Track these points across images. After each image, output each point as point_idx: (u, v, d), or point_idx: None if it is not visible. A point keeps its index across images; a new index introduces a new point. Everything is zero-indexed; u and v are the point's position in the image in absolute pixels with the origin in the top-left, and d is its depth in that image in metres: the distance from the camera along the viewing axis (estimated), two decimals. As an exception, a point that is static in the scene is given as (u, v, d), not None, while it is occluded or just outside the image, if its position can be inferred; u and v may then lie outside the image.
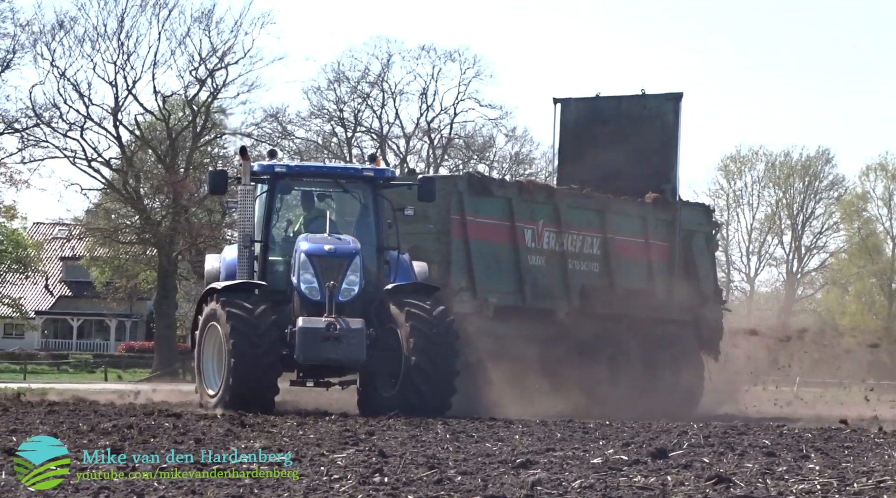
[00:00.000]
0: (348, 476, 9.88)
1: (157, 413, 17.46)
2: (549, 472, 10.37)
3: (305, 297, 18.92)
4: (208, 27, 58.72)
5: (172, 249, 60.07)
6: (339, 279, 18.83)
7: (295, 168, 21.13)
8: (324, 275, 18.84)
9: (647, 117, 26.82)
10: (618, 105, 27.44)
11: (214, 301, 18.97)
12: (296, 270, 19.04)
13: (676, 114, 26.64)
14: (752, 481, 9.90)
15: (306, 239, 19.30)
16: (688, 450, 12.48)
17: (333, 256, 19.00)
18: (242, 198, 19.55)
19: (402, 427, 15.42)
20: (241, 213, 19.59)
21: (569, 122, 27.20)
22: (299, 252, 19.08)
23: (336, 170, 21.44)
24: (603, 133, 26.73)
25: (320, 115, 66.01)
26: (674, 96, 26.95)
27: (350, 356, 18.51)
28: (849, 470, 10.87)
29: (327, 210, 20.26)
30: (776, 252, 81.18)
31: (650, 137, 26.43)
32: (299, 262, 19.00)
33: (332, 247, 19.10)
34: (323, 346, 18.35)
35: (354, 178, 20.44)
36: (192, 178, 59.83)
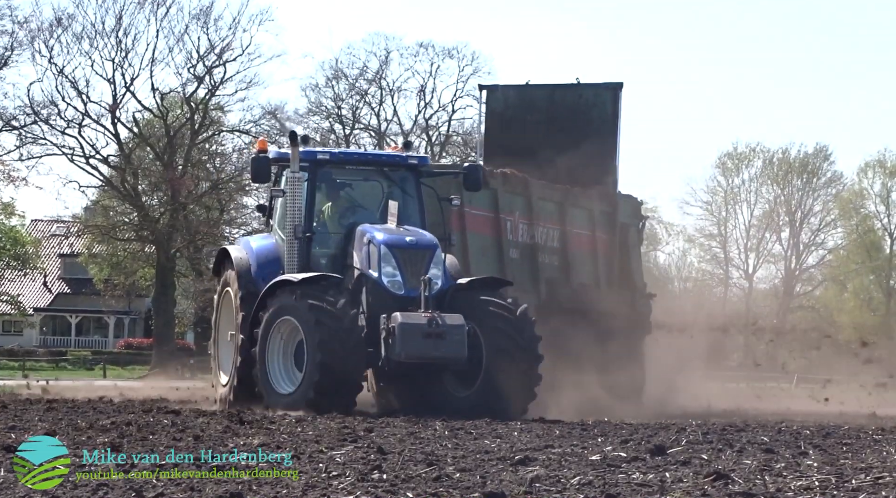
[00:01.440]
0: (347, 473, 9.89)
1: (155, 410, 17.47)
2: (547, 468, 10.37)
3: (388, 290, 18.13)
4: (206, 24, 58.80)
5: (171, 246, 60.11)
6: (422, 272, 18.14)
7: (338, 155, 20.51)
8: (407, 267, 18.18)
9: (583, 107, 26.01)
10: (551, 93, 26.66)
11: (289, 294, 18.04)
12: (373, 263, 18.24)
13: (615, 104, 25.82)
14: (750, 478, 9.91)
15: (378, 230, 18.52)
16: (686, 447, 12.49)
17: (416, 248, 18.35)
18: (290, 186, 18.82)
19: (401, 424, 15.42)
20: (290, 202, 18.82)
21: (496, 110, 26.38)
22: (376, 243, 18.27)
23: (381, 157, 20.50)
24: (534, 122, 25.95)
25: (318, 112, 66.01)
26: (612, 86, 26.18)
27: (451, 354, 17.70)
28: (847, 467, 10.88)
29: (373, 199, 19.70)
30: (774, 249, 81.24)
31: (587, 128, 25.58)
32: (378, 253, 18.19)
33: (413, 238, 18.50)
34: (424, 343, 17.54)
35: (398, 166, 19.84)
36: (190, 176, 59.85)
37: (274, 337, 18.20)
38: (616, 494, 9.03)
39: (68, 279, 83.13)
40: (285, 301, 18.06)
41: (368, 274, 18.31)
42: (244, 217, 66.19)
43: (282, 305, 18.10)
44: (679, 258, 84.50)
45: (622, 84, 26.00)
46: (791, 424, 17.60)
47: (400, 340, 17.50)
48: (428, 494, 8.98)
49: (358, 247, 18.55)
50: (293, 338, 18.09)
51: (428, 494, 8.98)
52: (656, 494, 9.10)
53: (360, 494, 8.97)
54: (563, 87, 26.64)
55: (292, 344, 18.13)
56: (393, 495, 8.97)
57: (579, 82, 26.45)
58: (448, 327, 17.61)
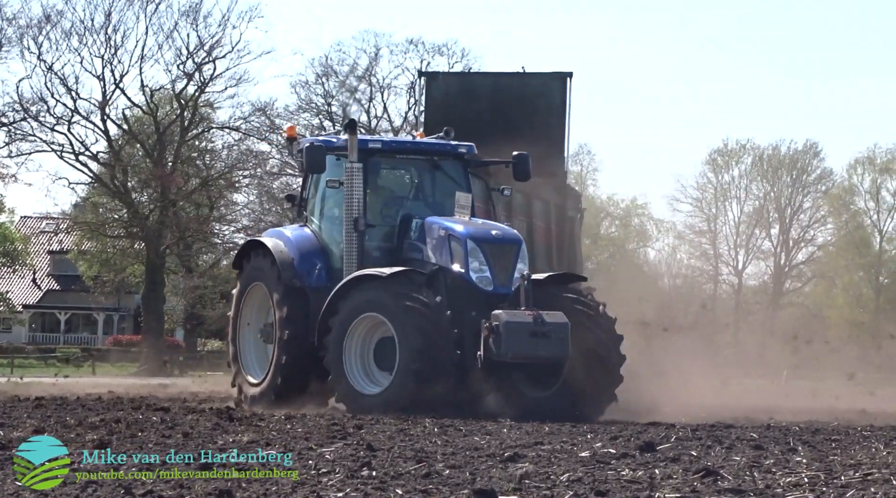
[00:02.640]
0: (336, 470, 9.88)
1: (144, 407, 17.45)
2: (536, 465, 10.37)
3: (476, 287, 17.40)
4: (196, 21, 58.72)
5: (160, 243, 60.07)
6: (510, 268, 17.56)
7: (391, 144, 19.75)
8: (495, 263, 17.50)
9: (529, 96, 25.18)
10: (495, 82, 26.01)
11: (378, 290, 17.24)
12: (456, 258, 17.49)
13: (564, 94, 25.00)
14: (739, 474, 9.92)
15: (456, 222, 17.85)
16: (675, 443, 12.50)
17: (503, 243, 17.76)
18: (348, 177, 18.09)
19: (390, 421, 15.41)
20: (348, 193, 18.09)
21: (437, 98, 25.61)
22: (459, 237, 17.55)
23: (433, 146, 19.52)
24: (477, 110, 25.04)
25: (308, 109, 65.87)
26: (560, 75, 25.33)
27: (556, 354, 16.98)
28: (836, 463, 10.90)
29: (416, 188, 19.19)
30: (764, 245, 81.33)
31: (533, 117, 24.78)
32: (464, 248, 17.45)
33: (499, 232, 17.94)
34: (530, 342, 16.76)
35: (449, 155, 19.25)
36: (179, 172, 59.80)
37: (355, 335, 17.47)
38: (605, 491, 9.03)
39: (57, 276, 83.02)
40: (372, 297, 17.29)
41: (451, 269, 17.57)
42: (234, 214, 66.19)
43: (368, 300, 17.34)
44: (669, 255, 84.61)
45: (571, 73, 25.22)
46: (780, 420, 17.62)
47: (506, 339, 16.71)
48: (417, 491, 8.98)
49: (431, 240, 17.91)
50: (372, 335, 17.49)
51: (417, 491, 8.98)
52: (646, 491, 9.10)
53: (350, 490, 8.96)
54: (507, 76, 25.94)
55: (370, 342, 17.51)
56: (382, 492, 8.96)
57: (525, 71, 25.84)
58: (553, 326, 16.91)
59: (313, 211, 19.16)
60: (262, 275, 18.99)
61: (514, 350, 16.74)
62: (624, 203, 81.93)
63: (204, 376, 36.69)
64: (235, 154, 63.05)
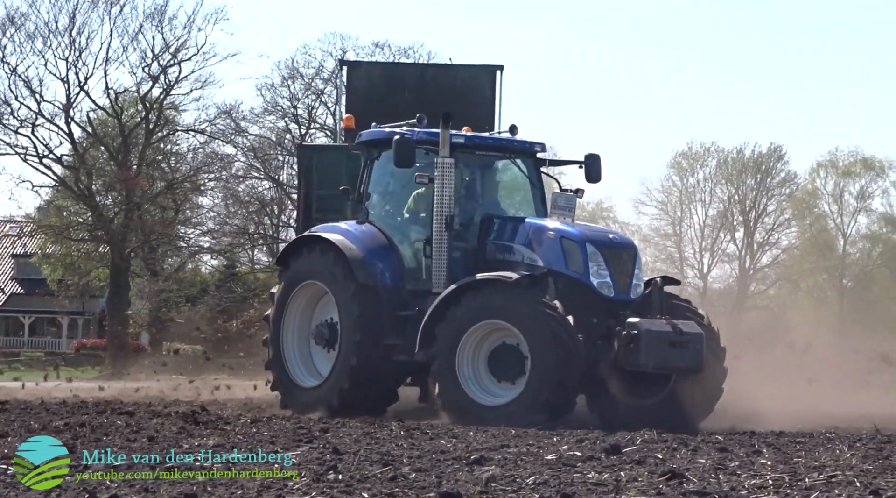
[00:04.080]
0: (302, 473, 9.87)
1: (109, 411, 17.36)
2: (503, 468, 10.38)
3: (597, 293, 16.63)
4: (161, 23, 58.53)
5: (125, 247, 59.83)
6: (629, 274, 16.88)
7: (473, 139, 18.43)
8: (615, 268, 16.74)
9: (459, 89, 24.62)
10: (422, 73, 25.49)
11: (503, 295, 16.36)
12: (573, 262, 16.71)
13: (494, 87, 24.45)
14: (704, 477, 9.95)
15: (567, 225, 17.14)
16: (641, 446, 12.53)
17: (623, 247, 17.06)
18: (441, 172, 17.27)
19: (357, 424, 15.40)
20: (440, 189, 17.24)
21: (359, 88, 24.97)
22: (575, 240, 16.80)
23: (514, 143, 18.64)
24: (403, 102, 24.13)
25: (274, 111, 65.77)
26: (490, 68, 24.80)
27: (693, 364, 16.47)
28: (800, 465, 10.95)
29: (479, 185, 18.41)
30: (729, 248, 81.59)
31: (462, 111, 23.56)
32: (583, 252, 16.67)
33: (616, 237, 17.43)
34: (670, 352, 16.26)
35: (525, 153, 18.58)
36: (144, 175, 59.60)
37: (466, 343, 16.53)
38: (571, 494, 9.05)
39: (21, 280, 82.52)
40: (496, 302, 16.38)
41: (566, 274, 16.79)
42: (199, 217, 66.01)
43: (490, 306, 16.40)
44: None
45: (502, 66, 24.67)
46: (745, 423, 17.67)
47: (646, 348, 16.12)
48: (383, 495, 8.98)
49: (535, 242, 17.12)
50: (486, 342, 16.57)
51: (383, 495, 8.98)
52: (611, 494, 9.13)
53: (316, 494, 8.96)
54: (435, 67, 25.43)
55: (485, 349, 16.59)
56: (348, 496, 8.96)
57: (452, 62, 25.31)
58: (690, 336, 16.44)
59: (377, 206, 18.41)
60: (320, 273, 18.14)
61: (655, 360, 16.24)
62: (590, 206, 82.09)
63: (174, 380, 36.52)
64: (201, 157, 62.93)
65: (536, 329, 15.99)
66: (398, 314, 17.51)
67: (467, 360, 16.53)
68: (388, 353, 17.40)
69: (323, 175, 21.17)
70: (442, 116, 17.41)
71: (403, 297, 17.64)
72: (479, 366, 16.56)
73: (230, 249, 66.84)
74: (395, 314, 17.51)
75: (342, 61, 24.98)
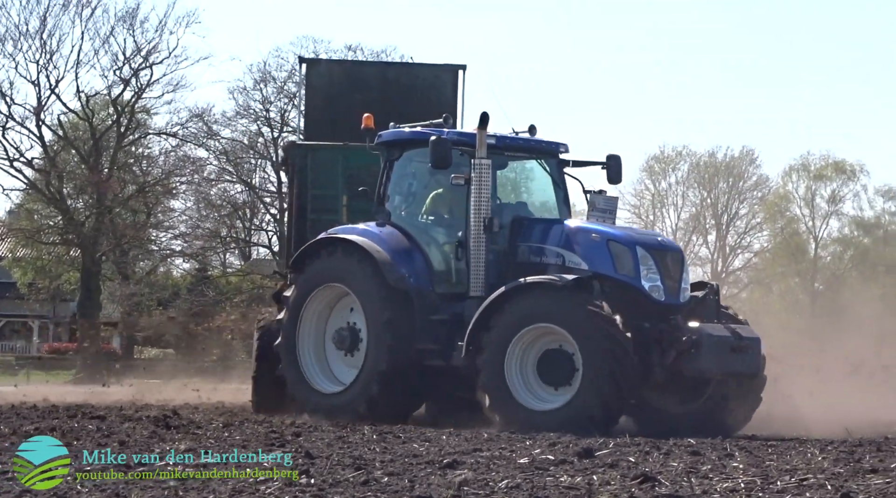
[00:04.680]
0: (274, 478, 9.85)
1: (80, 415, 17.29)
2: (475, 472, 10.38)
3: (649, 297, 16.39)
4: (132, 26, 58.29)
5: (96, 250, 59.62)
6: (678, 277, 16.65)
7: (503, 139, 17.88)
8: (665, 272, 16.50)
9: (420, 88, 24.25)
10: (383, 72, 25.04)
11: (552, 298, 16.02)
12: (622, 265, 16.44)
13: (456, 87, 24.10)
14: (676, 480, 9.97)
15: (612, 227, 17.01)
16: (614, 449, 12.55)
17: (672, 251, 16.90)
18: (478, 173, 16.93)
19: (329, 428, 15.38)
20: (477, 191, 16.91)
21: (319, 86, 24.61)
22: (624, 243, 16.56)
23: (542, 144, 18.33)
24: (364, 101, 23.55)
25: (246, 114, 65.57)
26: (452, 68, 24.42)
27: (752, 369, 16.47)
28: (772, 468, 10.98)
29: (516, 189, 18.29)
30: (701, 252, 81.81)
31: (424, 110, 23.05)
32: (633, 256, 16.39)
33: (664, 240, 17.25)
34: (731, 357, 16.15)
35: (549, 154, 18.26)
36: (116, 179, 59.42)
37: (514, 348, 16.17)
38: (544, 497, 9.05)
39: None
40: (546, 306, 16.04)
41: (618, 278, 16.47)
42: (171, 220, 65.81)
43: (539, 310, 16.06)
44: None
45: (465, 66, 24.31)
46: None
47: (707, 353, 15.97)
48: (356, 499, 8.97)
49: (577, 245, 16.82)
50: (534, 347, 16.23)
51: (356, 499, 8.97)
52: (584, 497, 9.13)
53: (288, 498, 8.94)
54: (396, 66, 24.72)
55: (533, 353, 16.24)
56: (320, 500, 8.95)
57: (413, 61, 24.95)
58: (749, 341, 16.38)
59: (400, 207, 18.06)
60: (342, 275, 17.69)
61: (717, 365, 16.10)
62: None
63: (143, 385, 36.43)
64: (172, 160, 62.74)
65: (588, 333, 15.70)
66: (429, 318, 17.15)
67: (516, 364, 16.19)
68: (419, 357, 17.05)
69: (317, 175, 20.65)
70: (480, 117, 17.10)
71: (433, 300, 17.30)
72: (527, 370, 16.24)
73: (202, 252, 66.67)
74: (426, 318, 17.14)
75: (301, 58, 24.38)
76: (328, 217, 19.77)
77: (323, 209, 20.43)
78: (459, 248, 17.32)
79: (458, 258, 17.33)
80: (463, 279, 17.23)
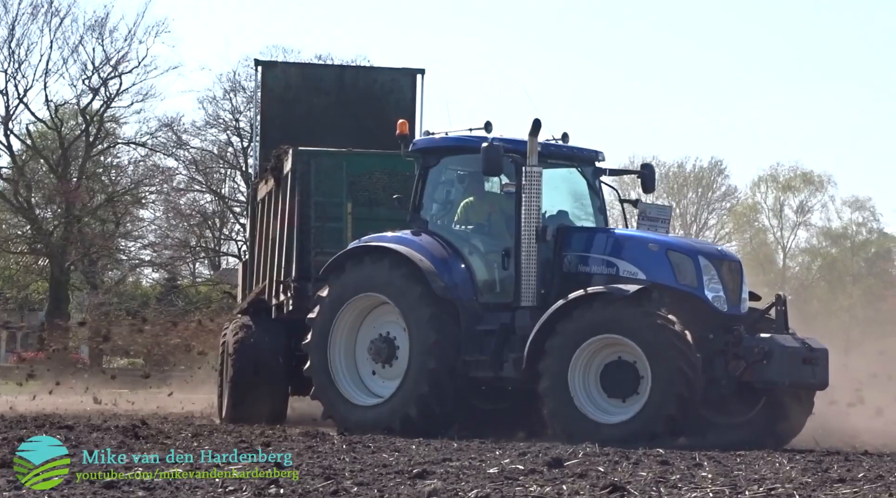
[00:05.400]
0: (244, 487, 9.82)
1: (48, 425, 17.21)
2: (445, 482, 10.38)
3: (712, 307, 16.21)
4: (101, 36, 58.21)
5: (65, 260, 59.43)
6: (739, 287, 16.53)
7: (548, 147, 17.56)
8: (726, 282, 16.33)
9: (378, 92, 24.05)
10: (340, 75, 24.81)
11: (619, 308, 15.78)
12: (683, 275, 16.25)
13: (414, 91, 23.90)
14: (646, 490, 9.99)
15: (668, 237, 16.97)
16: (583, 459, 12.57)
17: (732, 261, 16.73)
18: (529, 181, 16.60)
19: (299, 438, 15.35)
20: (528, 199, 16.56)
21: (275, 89, 24.22)
22: (686, 253, 16.43)
23: (583, 152, 18.07)
24: (322, 105, 23.78)
25: (216, 124, 65.47)
26: (411, 71, 24.23)
27: (821, 381, 16.36)
28: (741, 478, 11.02)
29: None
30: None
31: (382, 115, 23.28)
32: (696, 266, 16.21)
33: (723, 250, 17.02)
34: (803, 369, 16.02)
35: (587, 161, 18.05)
36: (84, 188, 59.25)
37: (578, 359, 15.90)
38: (513, 507, 9.07)
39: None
40: (612, 316, 15.79)
41: (679, 288, 16.26)
42: (140, 230, 65.64)
43: (604, 320, 15.83)
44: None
45: (423, 70, 24.11)
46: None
47: (779, 364, 15.83)
48: (325, 509, 8.96)
49: (634, 255, 16.55)
50: (597, 358, 15.99)
51: (325, 509, 8.96)
52: (553, 507, 9.15)
53: (257, 509, 8.93)
54: (354, 69, 24.64)
55: (596, 365, 15.99)
56: (290, 510, 8.94)
57: (371, 65, 24.69)
58: (819, 352, 16.26)
59: (438, 216, 17.73)
60: (381, 285, 17.25)
61: (789, 376, 15.96)
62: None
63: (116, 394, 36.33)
64: (142, 170, 62.61)
65: (657, 345, 15.48)
66: (476, 329, 16.84)
67: (579, 376, 15.93)
68: (465, 369, 16.77)
69: (320, 181, 20.04)
70: (532, 123, 16.75)
71: (478, 310, 16.98)
72: (589, 382, 15.98)
73: (171, 262, 66.52)
74: (472, 329, 16.83)
75: (258, 61, 24.00)
76: (332, 225, 19.39)
77: (326, 217, 19.81)
78: (505, 257, 17.02)
79: (505, 267, 17.02)
80: (508, 289, 16.94)
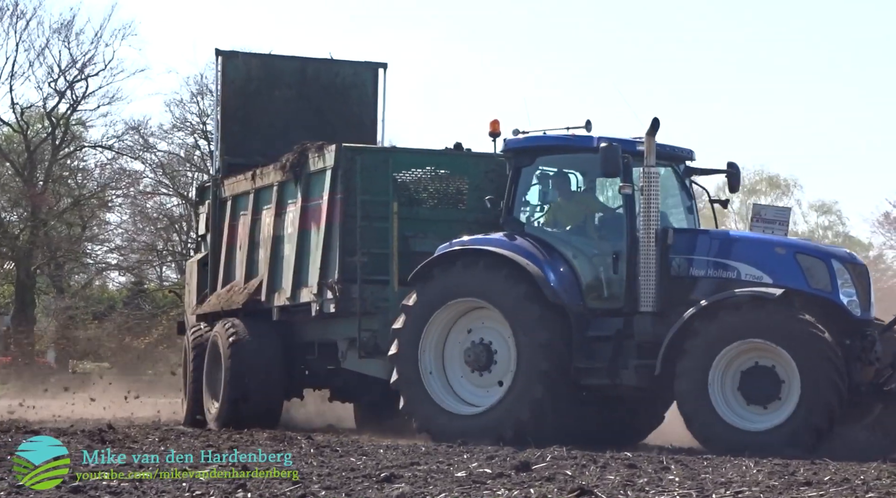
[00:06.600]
0: (211, 492, 9.80)
1: (14, 430, 17.14)
2: (413, 486, 10.38)
3: (847, 312, 15.81)
4: (68, 38, 57.84)
5: (31, 263, 59.16)
6: (868, 291, 16.15)
7: (629, 144, 16.90)
8: (857, 285, 15.96)
9: (340, 86, 23.69)
10: (302, 68, 24.20)
11: (767, 312, 15.34)
12: (816, 279, 15.85)
13: (376, 85, 23.58)
14: (613, 493, 10.01)
15: (795, 240, 16.74)
16: (551, 463, 12.58)
17: (860, 264, 16.38)
18: (648, 182, 16.16)
19: (267, 442, 15.32)
20: (646, 200, 16.09)
21: (236, 80, 23.81)
22: (818, 257, 16.06)
23: (676, 150, 17.65)
24: (283, 97, 23.33)
25: (183, 127, 65.19)
26: (373, 65, 23.83)
27: None
28: (708, 481, 11.05)
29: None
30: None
31: (344, 109, 23.22)
32: (830, 270, 15.82)
33: (851, 253, 16.66)
34: None
35: (679, 160, 17.63)
36: (50, 192, 59.00)
37: (718, 364, 15.43)
38: (481, 511, 9.07)
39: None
40: (759, 320, 15.33)
41: (812, 292, 15.81)
42: (106, 234, 65.37)
43: (750, 324, 15.36)
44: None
45: (386, 64, 23.76)
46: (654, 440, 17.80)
47: None
48: (293, 513, 8.95)
49: (756, 258, 16.13)
50: (735, 363, 15.52)
51: (293, 513, 8.95)
52: (521, 511, 9.16)
53: (225, 513, 8.91)
54: (316, 62, 23.90)
55: (733, 369, 15.53)
56: (258, 514, 8.92)
57: (332, 58, 24.04)
58: None
59: (534, 217, 17.38)
60: (483, 289, 16.66)
61: None
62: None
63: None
64: (108, 173, 62.30)
65: (809, 353, 15.07)
66: (586, 335, 16.39)
67: (718, 381, 15.46)
68: (577, 377, 16.33)
69: (365, 179, 19.36)
70: (651, 122, 16.32)
71: (586, 316, 16.52)
72: (726, 387, 15.51)
73: (138, 265, 66.27)
74: (583, 335, 16.36)
75: (218, 50, 23.78)
76: (378, 224, 18.93)
77: (372, 216, 19.18)
78: (616, 260, 16.62)
79: (615, 271, 16.60)
80: (617, 293, 16.57)
